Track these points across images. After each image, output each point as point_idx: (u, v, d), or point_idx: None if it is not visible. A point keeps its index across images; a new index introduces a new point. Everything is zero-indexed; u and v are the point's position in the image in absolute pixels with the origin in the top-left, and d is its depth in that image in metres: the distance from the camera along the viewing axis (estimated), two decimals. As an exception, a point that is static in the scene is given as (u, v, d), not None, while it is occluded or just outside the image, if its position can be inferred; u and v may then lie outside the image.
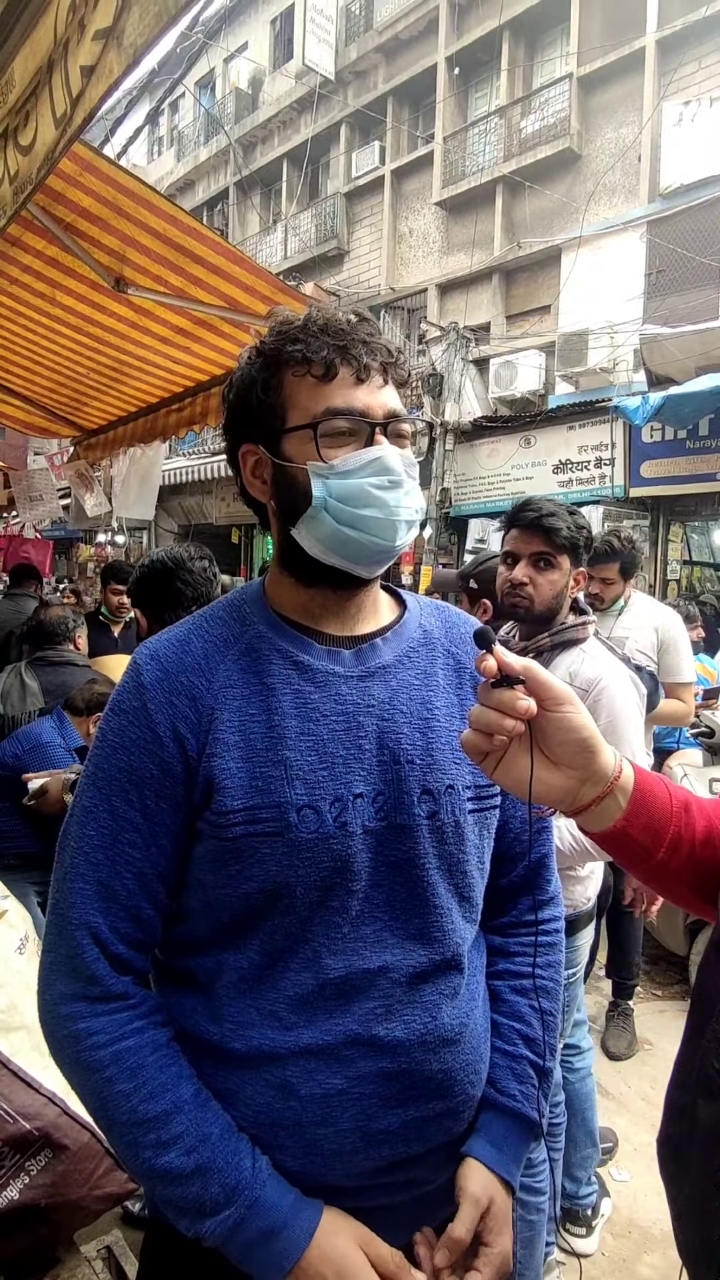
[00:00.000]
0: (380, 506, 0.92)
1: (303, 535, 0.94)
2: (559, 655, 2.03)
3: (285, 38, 17.18)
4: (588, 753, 0.81)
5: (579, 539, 2.00)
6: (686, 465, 8.99)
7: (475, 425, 11.27)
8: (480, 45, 13.04)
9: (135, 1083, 0.87)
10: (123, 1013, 0.90)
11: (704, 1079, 0.75)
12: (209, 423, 4.07)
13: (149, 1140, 0.86)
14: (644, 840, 0.84)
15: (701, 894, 0.88)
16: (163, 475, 6.45)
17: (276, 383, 0.95)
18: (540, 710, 0.79)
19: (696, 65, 10.26)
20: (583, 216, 10.92)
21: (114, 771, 0.93)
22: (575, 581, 2.04)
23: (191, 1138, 0.86)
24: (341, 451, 0.92)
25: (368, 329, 0.95)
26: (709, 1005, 0.77)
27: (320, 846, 0.90)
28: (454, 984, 0.98)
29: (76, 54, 1.10)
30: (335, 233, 15.40)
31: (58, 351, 3.88)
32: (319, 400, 0.92)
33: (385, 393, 0.95)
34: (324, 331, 0.93)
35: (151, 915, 0.94)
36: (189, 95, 18.75)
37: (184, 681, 0.93)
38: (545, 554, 1.99)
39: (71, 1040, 0.89)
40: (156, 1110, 0.87)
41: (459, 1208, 0.94)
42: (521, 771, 0.81)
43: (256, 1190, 0.86)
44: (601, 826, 0.84)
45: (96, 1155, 1.51)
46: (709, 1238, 0.73)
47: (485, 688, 0.79)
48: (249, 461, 0.99)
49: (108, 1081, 0.87)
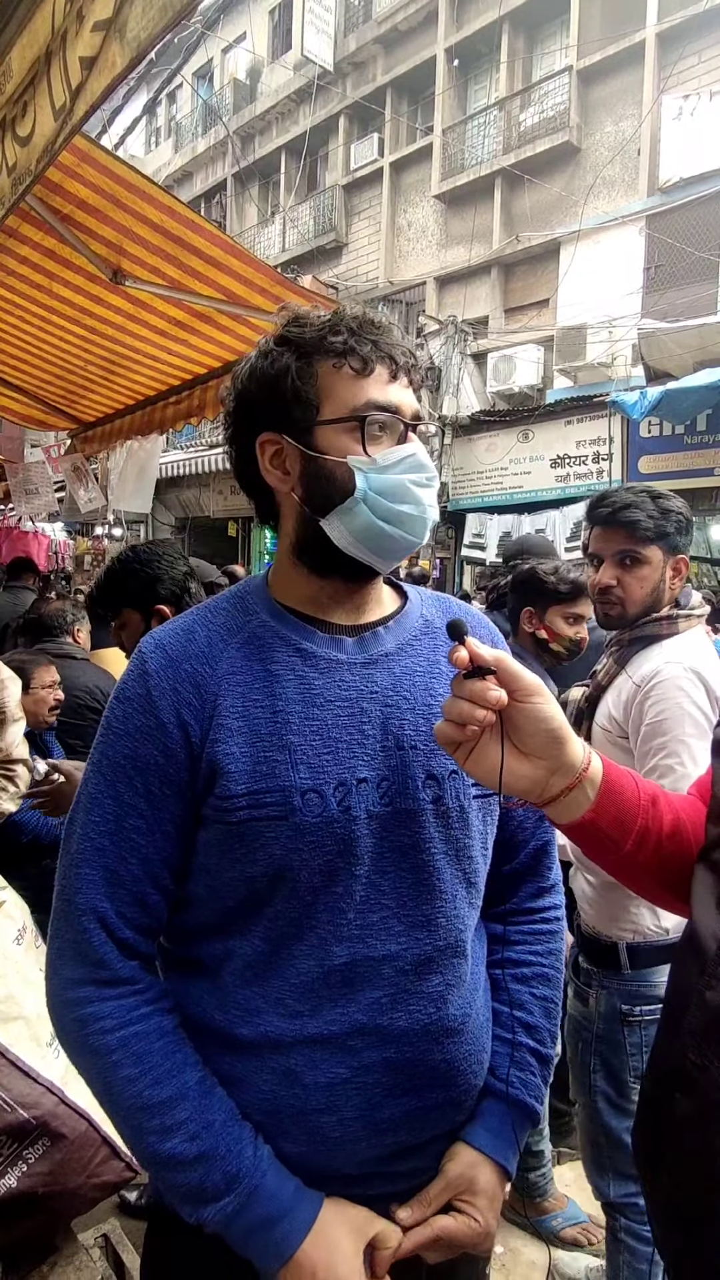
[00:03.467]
0: (416, 503, 0.94)
1: (333, 526, 0.95)
2: (639, 652, 1.83)
3: (284, 28, 17.08)
4: (557, 744, 0.83)
5: (667, 525, 1.79)
6: (684, 460, 9.00)
7: (473, 419, 11.26)
8: (480, 37, 12.99)
9: (141, 1068, 0.88)
10: (130, 997, 0.91)
11: (680, 1073, 0.75)
12: (206, 415, 4.06)
13: (153, 1126, 0.87)
14: (612, 832, 0.85)
15: (668, 886, 0.89)
16: (160, 468, 6.43)
17: (310, 373, 0.95)
18: (511, 701, 0.81)
19: (696, 59, 10.24)
20: (582, 210, 10.90)
21: (118, 758, 0.94)
22: (675, 571, 1.83)
23: (195, 1124, 0.87)
24: (380, 446, 0.95)
25: (395, 331, 0.98)
26: (684, 1000, 0.78)
27: (324, 830, 0.91)
28: (458, 972, 0.98)
29: (75, 45, 1.10)
30: (333, 225, 15.35)
31: (54, 343, 3.87)
32: (358, 394, 0.94)
33: (410, 393, 0.98)
34: (361, 328, 0.95)
35: (157, 900, 0.95)
36: (187, 86, 18.64)
37: (188, 669, 0.94)
38: (629, 551, 1.80)
39: (79, 1024, 0.90)
40: (161, 1096, 0.88)
41: (432, 1181, 0.97)
42: (492, 761, 0.83)
43: (257, 1178, 0.87)
44: (570, 818, 0.85)
45: (94, 1144, 1.51)
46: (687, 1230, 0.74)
47: (458, 679, 0.82)
48: (268, 451, 0.99)
49: (114, 1066, 0.88)
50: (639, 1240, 1.77)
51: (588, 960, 1.86)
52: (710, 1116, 0.72)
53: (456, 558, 11.85)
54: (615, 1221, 1.82)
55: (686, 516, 1.83)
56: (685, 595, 1.86)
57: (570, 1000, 1.92)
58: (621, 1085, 1.77)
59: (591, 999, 1.83)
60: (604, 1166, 1.83)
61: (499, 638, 1.12)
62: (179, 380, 4.14)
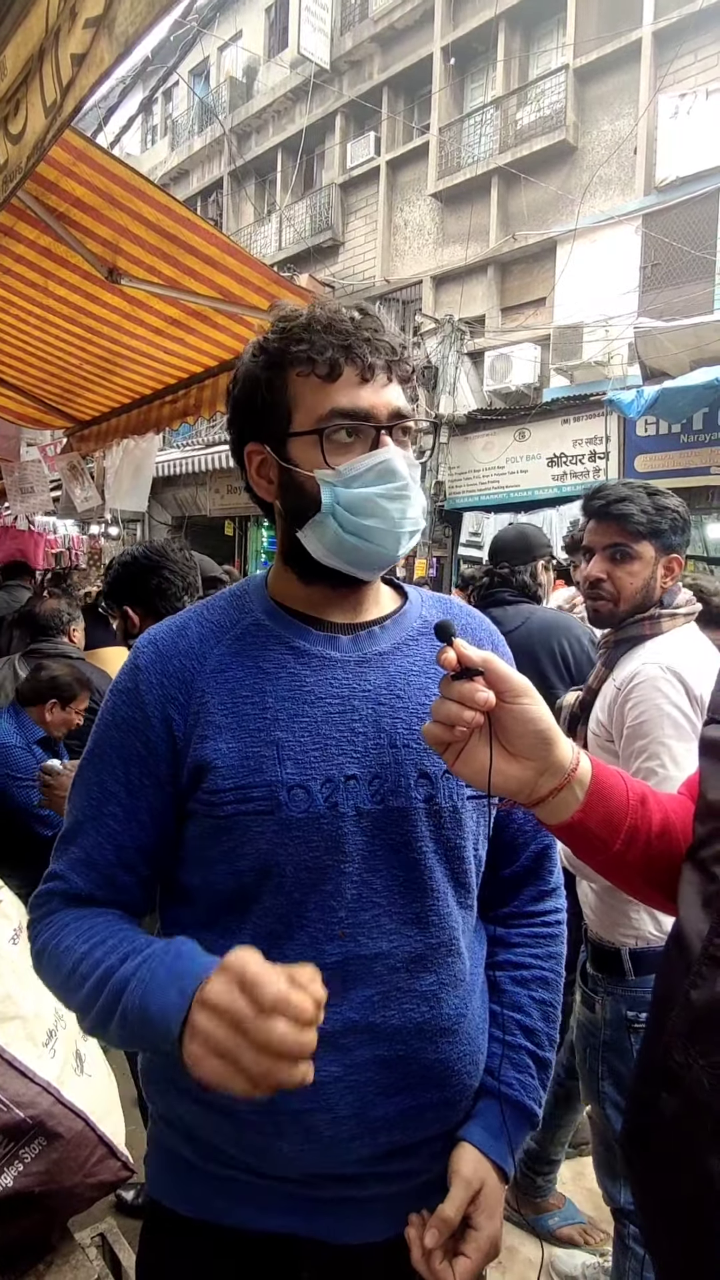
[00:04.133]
0: (384, 518, 0.92)
1: (308, 538, 0.96)
2: (624, 654, 1.81)
3: (280, 26, 17.06)
4: (545, 744, 0.83)
5: (661, 521, 1.77)
6: (680, 459, 9.01)
7: (470, 418, 11.26)
8: (476, 36, 12.98)
9: (61, 951, 0.92)
10: (76, 907, 0.97)
11: (666, 1072, 0.75)
12: (203, 414, 4.06)
13: (73, 987, 0.89)
14: (601, 832, 0.85)
15: (657, 886, 0.89)
16: (157, 467, 6.43)
17: (281, 383, 0.94)
18: (499, 702, 0.81)
19: (693, 57, 10.24)
20: (578, 209, 10.91)
21: (106, 748, 0.98)
22: (667, 570, 1.81)
23: (88, 962, 0.89)
24: (347, 456, 0.93)
25: (372, 325, 0.95)
26: (669, 999, 0.78)
27: (310, 826, 0.91)
28: (452, 971, 0.98)
29: (67, 42, 1.10)
30: (330, 224, 15.34)
31: (50, 342, 3.86)
32: (324, 401, 0.92)
33: (390, 391, 0.95)
34: (328, 330, 0.92)
35: (129, 882, 0.98)
36: (183, 84, 18.63)
37: (176, 665, 0.96)
38: (620, 544, 1.78)
39: (31, 935, 0.98)
40: (69, 964, 0.90)
41: (450, 1189, 0.94)
42: (481, 762, 0.83)
43: (155, 945, 0.87)
44: (559, 818, 0.85)
45: (90, 1143, 1.51)
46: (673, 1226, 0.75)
47: (446, 680, 0.82)
48: (254, 461, 1.00)
49: (41, 956, 0.95)
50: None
51: (594, 966, 1.86)
52: (695, 1115, 0.72)
53: (453, 557, 11.86)
54: (624, 1228, 1.82)
55: (683, 516, 1.82)
56: (670, 594, 1.84)
57: (578, 1007, 1.93)
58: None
59: (598, 1005, 1.82)
60: (615, 1173, 1.83)
61: (499, 640, 1.12)
62: (175, 379, 4.13)
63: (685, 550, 1.85)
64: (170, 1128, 1.01)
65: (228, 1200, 0.97)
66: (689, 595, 1.88)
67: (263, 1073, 0.71)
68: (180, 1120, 0.99)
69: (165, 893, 1.04)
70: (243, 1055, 0.72)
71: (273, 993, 0.71)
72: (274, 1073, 0.71)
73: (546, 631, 2.73)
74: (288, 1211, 0.96)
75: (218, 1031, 0.73)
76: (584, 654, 2.70)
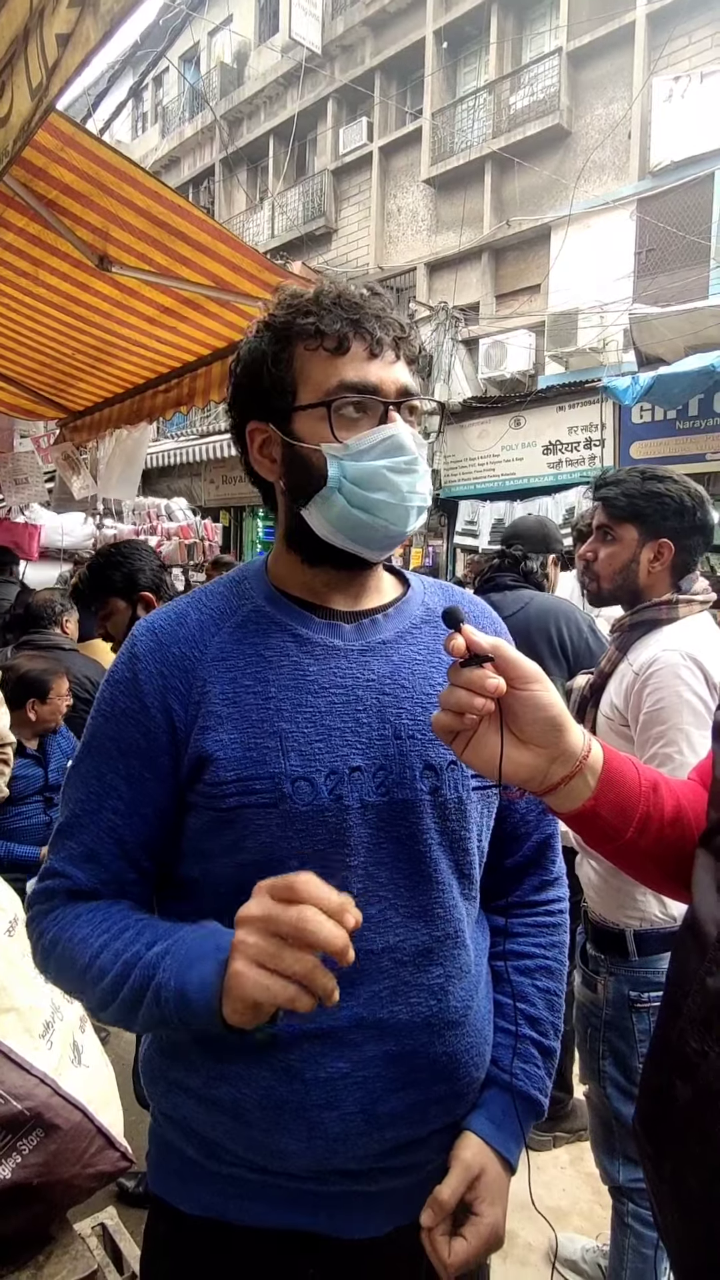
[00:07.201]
0: (393, 491, 0.90)
1: (312, 516, 0.94)
2: (639, 639, 1.81)
3: (271, 11, 16.89)
4: (556, 731, 0.81)
5: (645, 505, 1.77)
6: (676, 446, 8.99)
7: (465, 406, 11.22)
8: (469, 19, 12.86)
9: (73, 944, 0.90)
10: (82, 902, 0.94)
11: (680, 1059, 0.75)
12: (196, 403, 4.03)
13: (91, 979, 0.87)
14: (613, 820, 0.84)
15: (671, 873, 0.88)
16: (152, 458, 6.41)
17: (287, 357, 0.93)
18: (509, 689, 0.79)
19: (687, 40, 10.17)
20: (572, 194, 10.85)
21: (104, 740, 0.95)
22: (655, 555, 1.80)
23: (109, 952, 0.87)
24: (355, 431, 0.91)
25: (380, 303, 0.93)
26: (684, 986, 0.77)
27: (314, 818, 0.90)
28: (458, 964, 0.97)
29: (52, 22, 1.08)
30: (323, 211, 15.23)
31: (41, 332, 3.83)
32: (331, 375, 0.90)
33: (398, 368, 0.93)
34: (336, 304, 0.91)
35: (133, 877, 0.96)
36: (173, 70, 18.43)
37: (176, 653, 0.94)
38: (605, 526, 1.82)
39: (35, 931, 0.94)
40: (87, 955, 0.88)
41: (449, 1173, 0.94)
42: (491, 751, 0.81)
43: (179, 931, 0.86)
44: (571, 806, 0.84)
45: (88, 1134, 1.51)
46: (689, 1217, 0.74)
47: (455, 667, 0.80)
48: (256, 439, 0.98)
49: (51, 952, 0.92)
50: (646, 1225, 1.78)
51: (595, 947, 1.86)
52: (710, 1103, 0.71)
53: (449, 545, 11.84)
54: (623, 1206, 1.83)
55: (678, 501, 1.79)
56: (688, 581, 1.84)
57: (578, 987, 1.93)
58: (630, 1071, 1.77)
59: (600, 986, 1.82)
60: (613, 1151, 1.84)
61: (501, 626, 1.10)
62: (168, 368, 4.10)
63: (694, 537, 1.81)
64: (172, 1125, 1.00)
65: (232, 1198, 0.96)
66: (706, 584, 1.87)
67: (305, 971, 0.72)
68: (182, 1118, 0.98)
69: (162, 886, 1.02)
70: (283, 956, 0.73)
71: (301, 885, 0.74)
72: (315, 975, 0.72)
73: (545, 617, 2.73)
74: (294, 1208, 0.95)
75: (257, 939, 0.74)
76: (582, 640, 2.70)
